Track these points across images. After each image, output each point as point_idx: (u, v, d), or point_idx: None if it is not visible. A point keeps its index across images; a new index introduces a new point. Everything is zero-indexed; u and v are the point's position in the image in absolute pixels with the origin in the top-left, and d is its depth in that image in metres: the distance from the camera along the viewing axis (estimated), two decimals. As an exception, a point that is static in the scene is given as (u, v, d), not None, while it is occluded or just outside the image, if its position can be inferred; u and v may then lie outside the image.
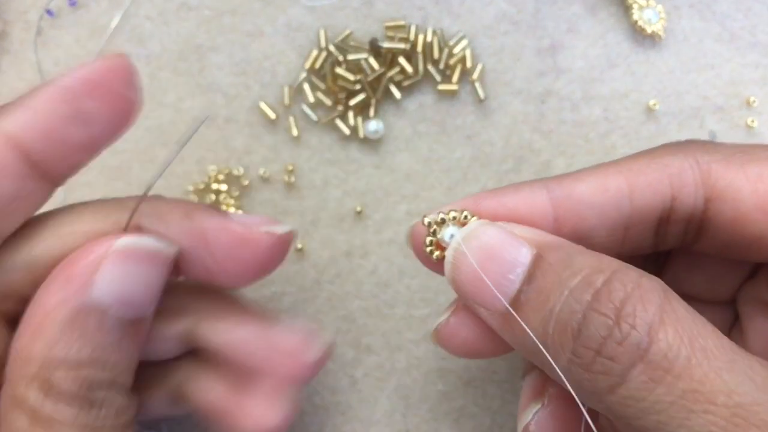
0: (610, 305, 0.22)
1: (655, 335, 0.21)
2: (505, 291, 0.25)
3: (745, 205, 0.26)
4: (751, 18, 0.40)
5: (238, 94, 0.40)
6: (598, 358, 0.22)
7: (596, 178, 0.27)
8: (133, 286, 0.26)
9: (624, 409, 0.22)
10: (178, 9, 0.40)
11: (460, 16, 0.40)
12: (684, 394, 0.21)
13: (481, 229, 0.26)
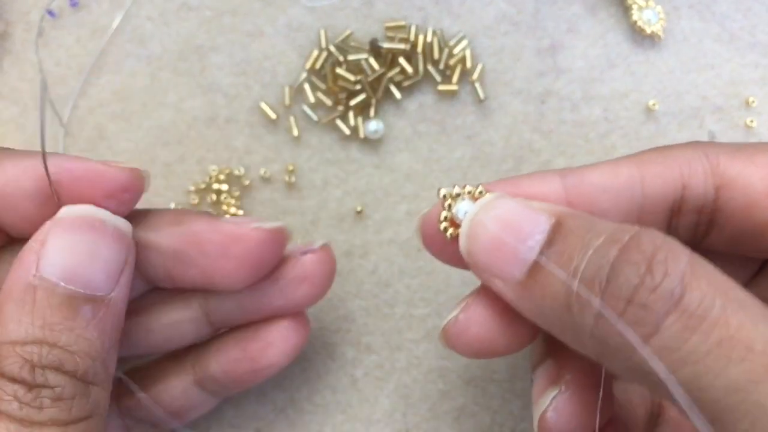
0: (640, 255, 0.22)
1: (689, 284, 0.21)
2: (524, 258, 0.24)
3: (756, 191, 0.26)
4: (750, 18, 0.40)
5: (238, 95, 0.40)
6: (630, 307, 0.21)
7: (608, 166, 0.27)
8: (78, 257, 0.25)
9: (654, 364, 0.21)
10: (178, 9, 0.40)
11: (460, 17, 0.40)
12: (721, 342, 0.20)
13: (498, 201, 0.25)
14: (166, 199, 0.39)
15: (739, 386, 0.19)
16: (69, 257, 0.25)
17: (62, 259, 0.25)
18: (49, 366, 0.24)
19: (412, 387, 0.38)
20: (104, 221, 0.26)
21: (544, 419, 0.27)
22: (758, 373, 0.19)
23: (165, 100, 0.40)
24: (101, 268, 0.26)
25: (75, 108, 0.40)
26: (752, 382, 0.19)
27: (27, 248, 0.26)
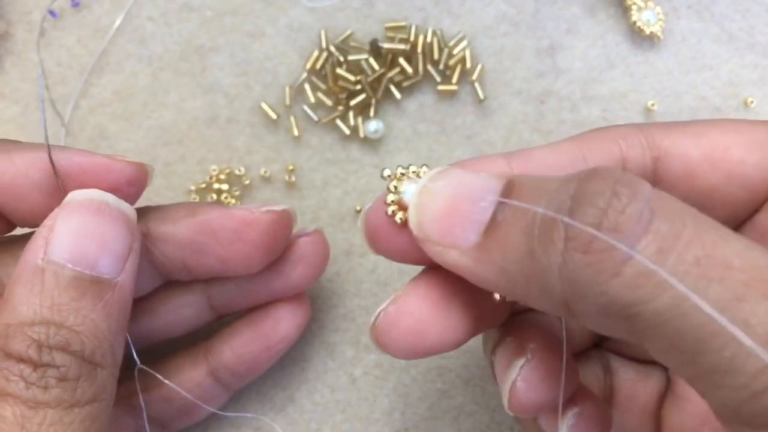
0: (603, 182, 0.20)
1: (657, 205, 0.20)
2: (478, 219, 0.23)
3: (693, 159, 0.26)
4: (749, 19, 0.40)
5: (239, 95, 0.40)
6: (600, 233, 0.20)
7: (551, 147, 0.27)
8: (85, 240, 0.25)
9: (632, 292, 0.19)
10: (179, 10, 0.40)
11: (460, 17, 0.40)
12: (698, 260, 0.19)
13: (445, 172, 0.25)
14: (167, 199, 0.39)
15: (724, 306, 0.18)
16: (76, 240, 0.25)
17: (69, 241, 0.25)
18: (56, 346, 0.24)
19: (411, 386, 0.38)
20: (110, 205, 0.27)
21: (515, 389, 0.26)
22: (740, 290, 0.18)
23: (166, 100, 0.40)
24: (108, 251, 0.26)
25: (76, 108, 0.40)
26: (736, 299, 0.18)
27: (37, 233, 0.26)
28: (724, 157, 0.26)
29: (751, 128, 0.27)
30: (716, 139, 0.27)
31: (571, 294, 0.20)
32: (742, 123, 0.27)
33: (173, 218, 0.30)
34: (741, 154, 0.26)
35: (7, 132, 0.40)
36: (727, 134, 0.27)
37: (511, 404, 0.27)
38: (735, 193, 0.27)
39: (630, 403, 0.32)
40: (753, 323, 0.18)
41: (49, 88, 0.40)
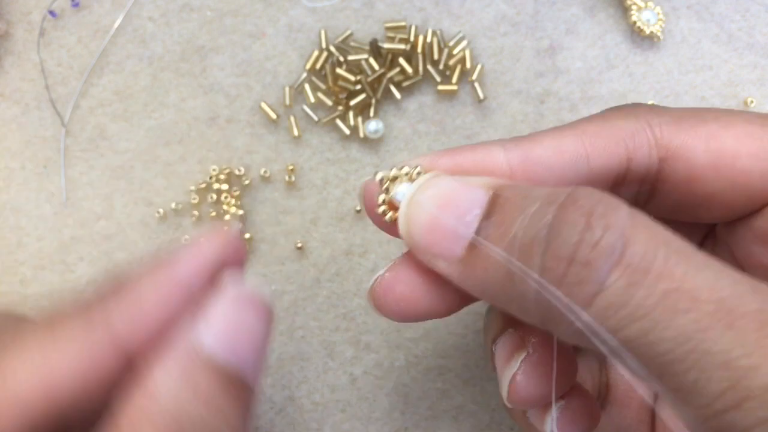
0: (578, 212, 0.21)
1: (630, 236, 0.20)
2: (464, 234, 0.23)
3: (699, 164, 0.26)
4: (748, 19, 0.40)
5: (239, 95, 0.40)
6: (572, 267, 0.20)
7: (553, 141, 0.27)
8: (237, 332, 0.23)
9: (603, 322, 0.20)
10: (180, 10, 0.40)
11: (460, 17, 0.40)
12: (666, 294, 0.20)
13: (434, 179, 0.25)
14: (167, 199, 0.39)
15: (688, 336, 0.19)
16: (230, 331, 0.23)
17: (223, 332, 0.23)
18: None
19: (411, 386, 0.38)
20: (262, 300, 0.24)
21: (514, 383, 0.27)
22: (705, 321, 0.19)
23: (166, 100, 0.40)
24: (253, 349, 0.24)
25: (76, 108, 0.40)
26: (700, 330, 0.19)
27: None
28: (730, 165, 0.26)
29: (765, 134, 0.26)
30: (727, 144, 0.26)
31: (547, 319, 0.21)
32: (759, 125, 0.27)
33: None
34: (749, 163, 0.26)
35: (7, 132, 0.40)
36: (738, 139, 0.26)
37: (510, 397, 0.27)
38: (734, 199, 0.27)
39: (627, 399, 0.32)
40: (714, 351, 0.19)
41: (48, 88, 0.40)
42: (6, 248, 0.39)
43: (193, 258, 0.23)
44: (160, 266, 0.23)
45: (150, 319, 0.22)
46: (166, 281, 0.23)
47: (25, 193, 0.39)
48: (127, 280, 0.23)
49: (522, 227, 0.22)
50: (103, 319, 0.22)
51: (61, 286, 0.39)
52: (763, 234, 0.27)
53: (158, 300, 0.22)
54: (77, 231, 0.39)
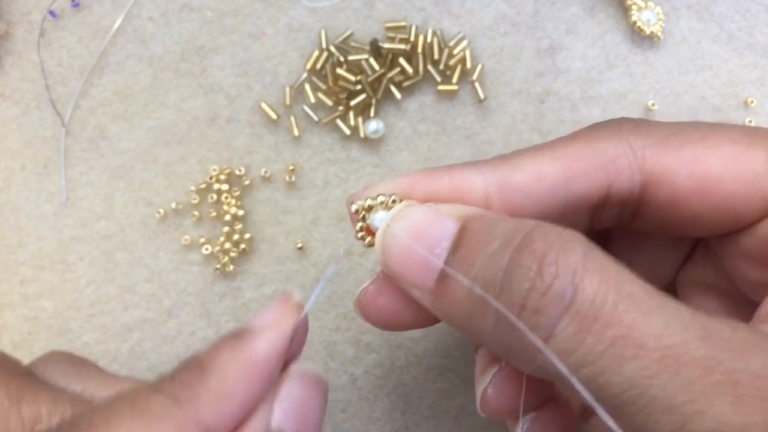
0: (531, 256, 0.21)
1: (580, 283, 0.21)
2: (434, 266, 0.24)
3: (683, 188, 0.26)
4: (749, 19, 0.40)
5: (239, 95, 0.40)
6: (524, 312, 0.21)
7: (532, 166, 0.26)
8: (305, 412, 0.25)
9: (555, 366, 0.21)
10: (180, 10, 0.40)
11: (460, 17, 0.40)
12: (614, 341, 0.20)
13: (406, 210, 0.26)
14: (167, 199, 0.39)
15: (635, 383, 0.20)
16: (300, 412, 0.25)
17: (295, 413, 0.24)
18: None
19: (411, 386, 0.38)
20: (323, 381, 0.26)
21: (485, 396, 0.28)
22: (651, 368, 0.20)
23: (166, 100, 0.40)
24: (317, 425, 0.25)
25: (76, 108, 0.40)
26: (646, 377, 0.20)
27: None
28: (715, 189, 0.26)
29: (750, 156, 0.26)
30: (711, 167, 0.26)
31: (506, 356, 0.22)
32: (745, 146, 0.26)
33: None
34: (733, 187, 0.26)
35: (7, 132, 0.40)
36: (723, 163, 0.26)
37: (482, 408, 0.28)
38: (719, 221, 0.26)
39: None
40: (660, 397, 0.20)
41: (49, 88, 0.40)
42: (6, 248, 0.39)
43: (272, 338, 0.24)
44: (239, 345, 0.24)
45: (234, 403, 0.23)
46: (249, 364, 0.24)
47: (25, 193, 0.39)
48: (208, 362, 0.24)
49: (482, 268, 0.22)
50: (192, 407, 0.23)
51: (61, 286, 0.39)
52: (749, 252, 0.27)
53: (242, 384, 0.23)
54: (77, 231, 0.39)
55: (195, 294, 0.39)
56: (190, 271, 0.39)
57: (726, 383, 0.20)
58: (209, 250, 0.38)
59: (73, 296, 0.39)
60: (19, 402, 0.25)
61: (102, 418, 0.22)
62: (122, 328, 0.38)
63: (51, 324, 0.38)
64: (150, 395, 0.23)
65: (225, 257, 0.38)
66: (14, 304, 0.39)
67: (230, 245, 0.38)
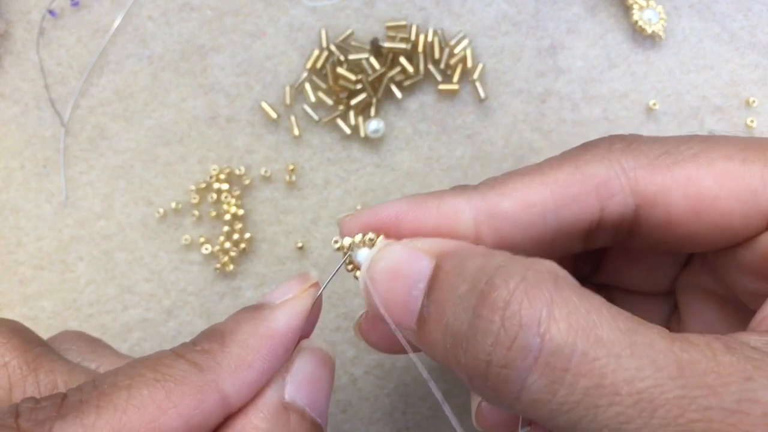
0: (493, 307, 0.21)
1: (547, 332, 0.20)
2: (412, 308, 0.24)
3: (678, 209, 0.26)
4: (750, 18, 0.40)
5: (239, 94, 0.40)
6: (491, 368, 0.21)
7: (521, 193, 0.26)
8: (317, 387, 0.26)
9: (534, 412, 0.21)
10: (180, 9, 0.40)
11: (461, 17, 0.40)
12: (587, 391, 0.20)
13: (384, 251, 0.25)
14: (167, 199, 0.39)
15: (612, 428, 0.20)
16: (312, 386, 0.25)
17: (307, 387, 0.25)
18: None
19: (412, 386, 0.38)
20: (331, 358, 0.27)
21: (480, 410, 0.28)
22: (626, 414, 0.20)
23: (166, 99, 0.40)
24: (326, 400, 0.26)
25: (76, 107, 0.40)
26: (623, 423, 0.20)
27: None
28: (710, 208, 0.25)
29: (745, 172, 0.25)
30: (706, 187, 0.25)
31: (487, 400, 0.22)
32: (739, 162, 0.26)
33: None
34: (730, 205, 0.25)
35: (7, 132, 0.40)
36: (719, 180, 0.25)
37: (478, 422, 0.29)
38: (716, 239, 0.26)
39: None
40: None
41: (48, 88, 0.40)
42: (6, 248, 0.39)
43: (290, 313, 0.25)
44: (259, 318, 0.25)
45: (252, 373, 0.24)
46: (268, 336, 0.24)
47: (24, 193, 0.39)
48: (229, 332, 0.24)
49: (451, 315, 0.22)
50: (213, 375, 0.23)
51: (61, 286, 0.39)
52: (748, 265, 0.26)
53: (260, 356, 0.24)
54: (77, 231, 0.39)
55: (195, 294, 0.38)
56: (190, 270, 0.39)
57: (700, 422, 0.20)
58: (209, 249, 0.38)
59: (72, 296, 0.38)
60: (36, 371, 0.25)
61: (125, 380, 0.22)
62: (122, 328, 0.38)
63: (50, 324, 0.38)
64: (173, 360, 0.23)
65: (225, 257, 0.38)
66: (13, 304, 0.38)
67: (230, 245, 0.38)
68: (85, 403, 0.21)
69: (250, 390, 0.24)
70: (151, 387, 0.22)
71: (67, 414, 0.21)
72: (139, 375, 0.22)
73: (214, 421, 0.23)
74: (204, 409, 0.22)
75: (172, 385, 0.22)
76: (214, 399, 0.23)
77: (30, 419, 0.21)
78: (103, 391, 0.22)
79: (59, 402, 0.22)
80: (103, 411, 0.21)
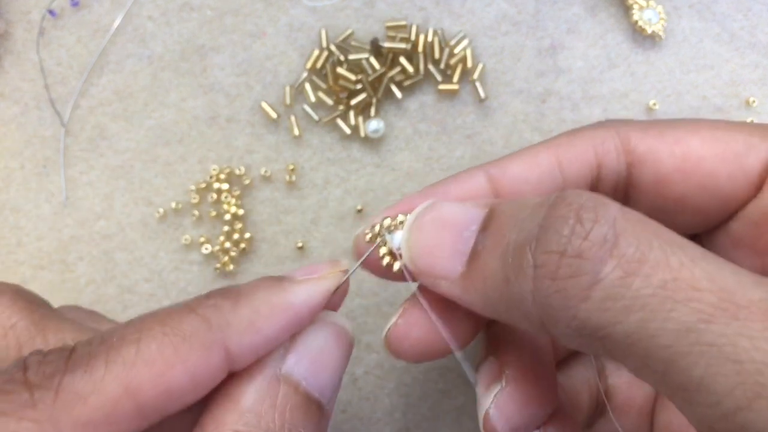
0: (568, 208, 0.21)
1: (622, 228, 0.20)
2: (462, 249, 0.24)
3: (665, 167, 0.27)
4: (750, 18, 0.40)
5: (239, 94, 0.40)
6: (564, 259, 0.20)
7: (528, 157, 0.28)
8: (322, 361, 0.25)
9: (601, 315, 0.20)
10: (180, 9, 0.40)
11: (461, 17, 0.40)
12: (665, 284, 0.19)
13: (432, 206, 0.26)
14: (167, 199, 0.39)
15: (690, 328, 0.18)
16: (315, 360, 0.25)
17: (309, 360, 0.24)
18: None
19: (412, 386, 0.38)
20: (348, 334, 0.26)
21: (488, 416, 0.27)
22: (707, 312, 0.18)
23: (166, 99, 0.40)
24: (333, 377, 0.25)
25: (76, 107, 0.40)
26: (702, 321, 0.18)
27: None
28: (696, 168, 0.26)
29: (730, 137, 0.26)
30: (692, 148, 0.26)
31: (546, 318, 0.21)
32: (724, 130, 0.27)
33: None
34: (714, 166, 0.26)
35: (6, 132, 0.40)
36: (704, 143, 0.26)
37: (485, 428, 0.28)
38: (706, 202, 0.27)
39: (626, 406, 0.32)
40: (719, 344, 0.18)
41: (48, 88, 0.40)
42: (5, 248, 0.39)
43: (311, 290, 0.25)
44: (277, 287, 0.24)
45: (259, 338, 0.23)
46: (282, 306, 0.24)
47: (24, 193, 0.39)
48: (244, 293, 0.24)
49: (516, 231, 0.22)
50: (221, 332, 0.23)
51: (61, 286, 0.39)
52: (741, 239, 0.27)
53: (271, 323, 0.24)
54: (77, 231, 0.39)
55: (195, 294, 0.38)
56: (190, 270, 0.39)
57: None
58: (209, 249, 0.38)
59: (72, 296, 0.38)
60: (44, 330, 0.25)
61: (134, 333, 0.22)
62: (122, 328, 0.38)
63: (50, 324, 0.38)
64: (183, 315, 0.23)
65: (225, 257, 0.38)
66: (13, 304, 0.38)
67: (230, 245, 0.38)
68: (93, 357, 0.21)
69: (254, 355, 0.23)
70: (159, 341, 0.22)
71: (76, 368, 0.21)
72: (148, 329, 0.22)
73: (217, 379, 0.23)
74: (209, 366, 0.22)
75: (180, 340, 0.22)
76: (221, 357, 0.22)
77: (38, 373, 0.21)
78: (112, 345, 0.22)
79: (68, 355, 0.21)
80: (111, 365, 0.21)
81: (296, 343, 0.24)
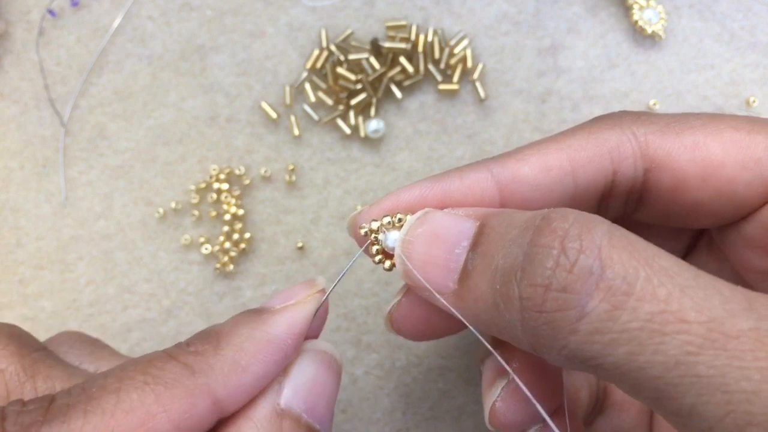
0: (552, 235, 0.20)
1: (608, 258, 0.20)
2: (454, 267, 0.24)
3: (685, 173, 0.26)
4: (750, 18, 0.40)
5: (239, 94, 0.40)
6: (550, 293, 0.20)
7: (539, 158, 0.26)
8: (317, 391, 0.25)
9: (590, 347, 0.19)
10: (179, 9, 0.40)
11: (461, 16, 0.40)
12: (652, 317, 0.19)
13: (424, 217, 0.25)
14: (167, 199, 0.39)
15: (679, 360, 0.18)
16: (311, 390, 0.25)
17: (306, 391, 0.25)
18: None
19: (412, 386, 0.38)
20: (337, 361, 0.26)
21: (494, 410, 0.27)
22: (696, 344, 0.18)
23: (166, 99, 0.40)
24: (329, 407, 0.25)
25: (76, 107, 0.40)
26: (691, 354, 0.18)
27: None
28: (716, 174, 0.26)
29: (750, 141, 0.26)
30: (713, 153, 0.26)
31: (536, 345, 0.21)
32: (745, 134, 0.26)
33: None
34: (735, 172, 0.26)
35: (6, 131, 0.39)
36: (725, 147, 0.26)
37: (491, 422, 0.28)
38: (721, 206, 0.26)
39: (626, 403, 0.32)
40: (709, 375, 0.18)
41: (48, 88, 0.40)
42: (5, 248, 0.39)
43: (291, 318, 0.24)
44: (257, 321, 0.24)
45: (247, 378, 0.23)
46: (265, 340, 0.24)
47: (24, 193, 0.39)
48: (225, 334, 0.24)
49: (502, 256, 0.22)
50: (205, 378, 0.22)
51: (61, 286, 0.39)
52: (753, 239, 0.27)
53: (256, 360, 0.23)
54: (76, 231, 0.39)
55: (195, 294, 0.38)
56: (189, 270, 0.39)
57: None
58: (209, 249, 0.38)
59: (72, 296, 0.38)
60: (34, 377, 0.25)
61: (114, 383, 0.22)
62: (121, 328, 0.38)
63: (50, 324, 0.38)
64: (164, 362, 0.23)
65: (225, 257, 0.38)
66: (13, 304, 0.38)
67: (230, 245, 0.38)
68: (72, 407, 0.21)
69: (245, 395, 0.23)
70: (140, 390, 0.22)
71: (53, 418, 0.21)
72: (129, 378, 0.22)
73: (205, 426, 0.23)
74: (195, 413, 0.22)
75: (162, 388, 0.22)
76: (206, 403, 0.22)
77: (16, 423, 0.21)
78: (91, 395, 0.21)
79: (46, 405, 0.21)
80: (90, 415, 0.21)
81: (290, 376, 0.24)
